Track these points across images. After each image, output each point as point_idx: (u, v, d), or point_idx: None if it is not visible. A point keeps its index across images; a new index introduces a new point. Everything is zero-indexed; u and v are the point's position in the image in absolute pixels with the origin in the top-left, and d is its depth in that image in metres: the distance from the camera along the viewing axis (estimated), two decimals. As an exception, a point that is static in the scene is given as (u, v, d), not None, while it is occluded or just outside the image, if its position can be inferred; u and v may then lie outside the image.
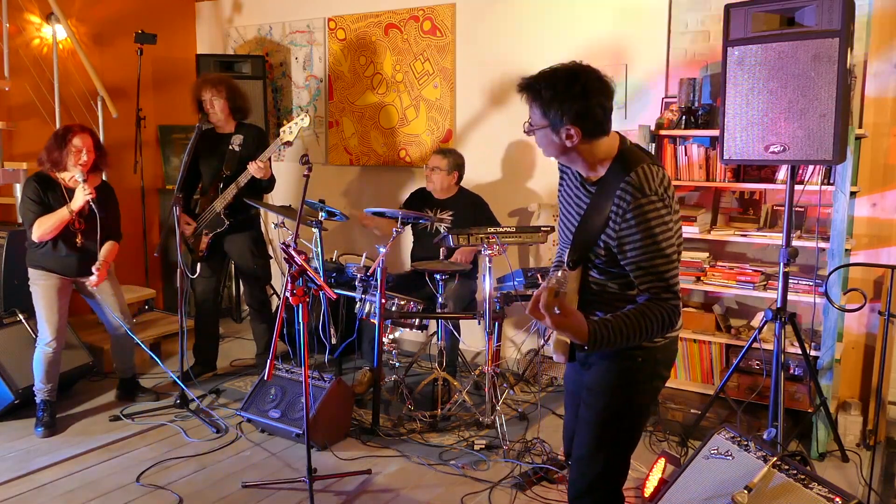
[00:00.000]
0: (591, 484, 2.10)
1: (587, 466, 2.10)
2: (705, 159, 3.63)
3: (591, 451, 2.08)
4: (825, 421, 3.32)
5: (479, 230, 3.71)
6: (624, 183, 1.84)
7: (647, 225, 1.81)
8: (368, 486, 3.14)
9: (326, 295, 2.76)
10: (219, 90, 4.11)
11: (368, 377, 4.06)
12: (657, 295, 1.85)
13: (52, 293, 3.67)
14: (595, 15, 4.17)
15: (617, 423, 2.05)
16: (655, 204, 1.82)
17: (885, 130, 3.52)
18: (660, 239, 1.82)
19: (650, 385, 2.07)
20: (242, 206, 4.15)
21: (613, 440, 2.07)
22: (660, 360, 2.03)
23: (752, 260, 3.80)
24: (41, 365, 3.66)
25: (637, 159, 1.89)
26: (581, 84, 1.85)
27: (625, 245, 1.85)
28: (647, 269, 1.84)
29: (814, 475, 2.38)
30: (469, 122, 4.72)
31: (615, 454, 2.09)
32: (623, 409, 2.05)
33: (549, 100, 1.86)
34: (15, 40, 4.74)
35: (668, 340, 2.02)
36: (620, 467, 2.12)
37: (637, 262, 1.84)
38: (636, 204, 1.81)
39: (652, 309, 1.84)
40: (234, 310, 5.75)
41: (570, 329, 1.77)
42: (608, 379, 2.02)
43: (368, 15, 5.00)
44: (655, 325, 1.84)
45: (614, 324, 1.82)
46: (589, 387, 2.08)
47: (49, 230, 3.57)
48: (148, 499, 3.05)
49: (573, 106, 1.84)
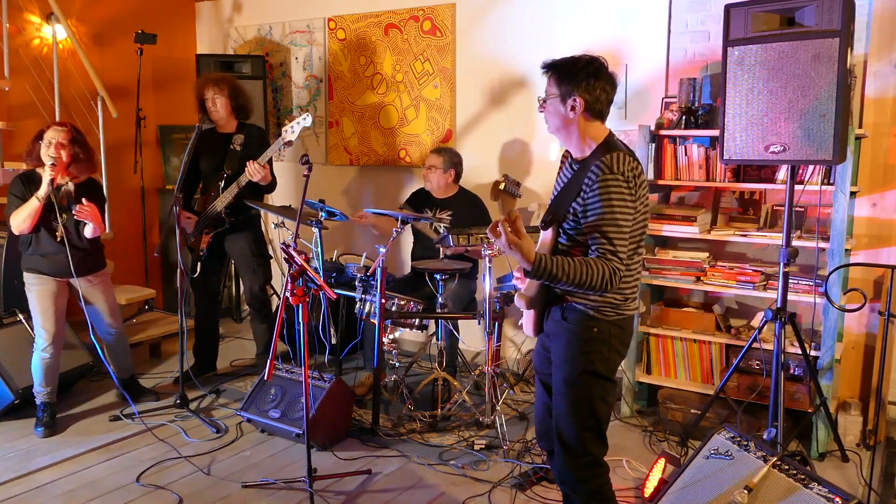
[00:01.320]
0: (570, 454, 2.28)
1: (564, 437, 2.28)
2: (705, 159, 3.63)
3: (565, 420, 2.28)
4: (825, 421, 3.32)
5: (479, 230, 3.71)
6: (599, 161, 2.13)
7: (609, 196, 2.09)
8: (368, 486, 3.14)
9: (326, 295, 2.76)
10: (221, 88, 4.11)
11: (370, 381, 4.06)
12: (603, 255, 2.09)
13: (47, 298, 3.65)
14: (595, 15, 4.17)
15: (581, 388, 2.25)
16: (619, 182, 2.10)
17: (885, 130, 3.52)
18: (616, 210, 2.09)
19: (607, 356, 2.25)
20: (243, 205, 4.15)
21: (580, 404, 2.26)
22: (614, 333, 2.24)
23: (752, 260, 3.80)
24: (39, 370, 3.66)
25: (616, 148, 2.18)
26: (595, 67, 2.19)
27: (587, 210, 2.12)
28: (602, 233, 2.09)
29: (814, 475, 2.38)
30: (469, 122, 4.72)
31: (586, 422, 2.26)
32: (585, 376, 2.24)
33: (565, 72, 2.20)
34: (15, 40, 4.74)
35: (621, 317, 2.24)
36: (590, 433, 2.27)
37: (593, 224, 2.11)
38: (603, 177, 2.10)
39: (596, 262, 2.08)
40: (234, 310, 5.75)
41: (520, 250, 2.04)
42: (568, 349, 2.26)
43: (368, 15, 5.00)
44: (596, 277, 2.07)
45: (559, 260, 2.08)
46: (555, 360, 2.31)
47: (23, 220, 3.53)
48: (148, 499, 3.05)
49: (584, 80, 2.17)
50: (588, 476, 2.29)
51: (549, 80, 2.24)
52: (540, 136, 4.43)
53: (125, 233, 5.22)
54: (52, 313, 3.65)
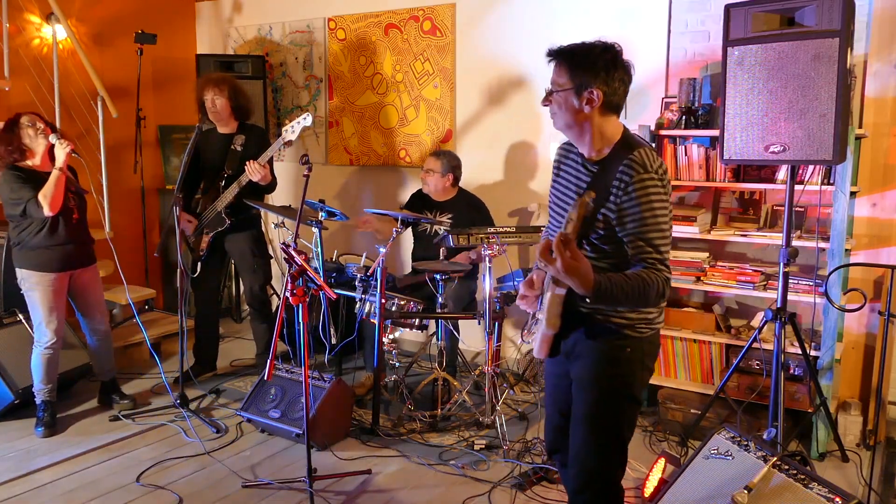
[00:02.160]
0: (589, 478, 2.12)
1: (584, 460, 2.12)
2: (705, 159, 3.63)
3: (586, 445, 2.10)
4: (825, 421, 3.32)
5: (479, 230, 3.71)
6: (627, 160, 1.91)
7: (648, 199, 1.89)
8: (368, 486, 3.14)
9: (326, 295, 2.76)
10: (221, 89, 4.11)
11: (370, 381, 4.06)
12: (653, 265, 1.90)
13: (50, 295, 3.58)
14: (595, 15, 4.17)
15: (609, 415, 2.08)
16: (655, 181, 1.91)
17: (885, 130, 3.52)
18: (658, 213, 1.90)
19: (639, 376, 2.10)
20: (243, 205, 4.15)
21: (607, 433, 2.09)
22: (646, 351, 2.07)
23: (752, 260, 3.80)
24: (40, 366, 3.64)
25: (640, 143, 1.98)
26: (612, 54, 1.97)
27: (625, 217, 1.91)
28: (647, 241, 1.90)
29: (814, 475, 2.38)
30: (469, 123, 4.72)
31: (610, 446, 2.11)
32: (614, 401, 2.07)
33: (580, 61, 1.96)
34: (15, 40, 4.74)
35: (653, 332, 2.07)
36: (617, 460, 2.14)
37: (636, 233, 1.90)
38: (639, 178, 1.89)
39: (651, 275, 1.88)
40: (234, 310, 5.75)
41: (578, 274, 1.78)
42: (596, 371, 2.05)
43: (368, 15, 5.00)
44: (652, 292, 1.88)
45: (616, 279, 1.86)
46: (578, 381, 2.11)
47: (56, 195, 3.43)
48: (148, 499, 3.05)
49: (602, 70, 1.94)
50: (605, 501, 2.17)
51: (559, 70, 1.99)
52: (540, 135, 4.43)
53: (125, 233, 5.21)
54: (55, 311, 3.61)
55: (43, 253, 3.56)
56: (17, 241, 3.58)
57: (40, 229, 3.53)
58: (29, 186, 3.46)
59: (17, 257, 3.60)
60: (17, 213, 3.51)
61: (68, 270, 3.65)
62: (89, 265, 3.76)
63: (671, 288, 2.02)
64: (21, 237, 3.56)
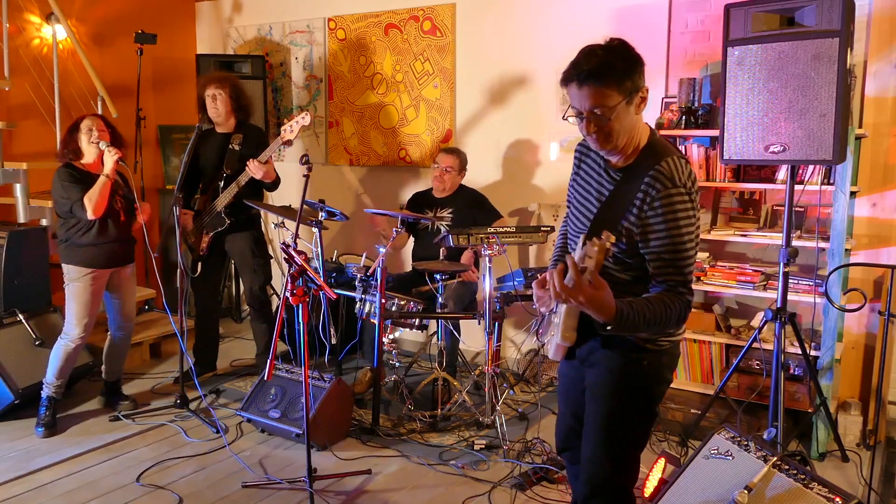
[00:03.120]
0: (600, 485, 2.09)
1: (596, 468, 2.08)
2: (705, 159, 3.63)
3: (598, 453, 2.07)
4: (825, 421, 3.32)
5: (479, 230, 3.71)
6: (654, 171, 1.81)
7: (675, 216, 1.79)
8: (368, 486, 3.14)
9: (326, 295, 2.76)
10: (222, 86, 4.12)
11: (369, 377, 4.06)
12: (674, 288, 1.82)
13: (89, 292, 3.65)
14: (595, 15, 4.17)
15: (623, 426, 2.03)
16: (683, 196, 1.79)
17: (885, 130, 3.52)
18: (684, 232, 1.80)
19: (655, 389, 2.04)
20: (243, 205, 4.14)
21: (620, 443, 2.05)
22: (664, 363, 2.00)
23: (752, 260, 3.80)
24: (58, 359, 3.66)
25: (668, 150, 1.87)
26: (633, 49, 1.83)
27: (649, 233, 1.82)
28: (669, 261, 1.81)
29: (814, 475, 2.38)
30: (469, 122, 4.72)
31: (623, 456, 2.08)
32: (629, 413, 2.02)
33: (624, 68, 1.79)
34: (15, 40, 4.74)
35: (672, 344, 2.00)
36: (629, 469, 2.11)
37: (659, 252, 1.81)
38: (666, 193, 1.79)
39: (672, 300, 1.81)
40: (234, 310, 5.75)
41: (600, 303, 1.72)
42: (613, 382, 2.00)
43: (368, 15, 5.00)
44: (672, 317, 1.81)
45: (638, 305, 1.78)
46: (592, 389, 2.06)
47: (100, 200, 3.53)
48: (148, 499, 3.05)
49: (639, 67, 1.82)
50: None
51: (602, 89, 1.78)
52: (540, 135, 4.43)
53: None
54: (90, 307, 3.66)
55: (89, 250, 3.64)
56: (65, 238, 3.65)
57: (90, 228, 3.62)
58: (79, 188, 3.56)
59: (63, 253, 3.67)
60: (65, 211, 3.61)
61: (111, 267, 3.73)
62: (128, 263, 3.85)
63: None
64: (69, 234, 3.63)
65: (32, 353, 3.83)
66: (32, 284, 4.12)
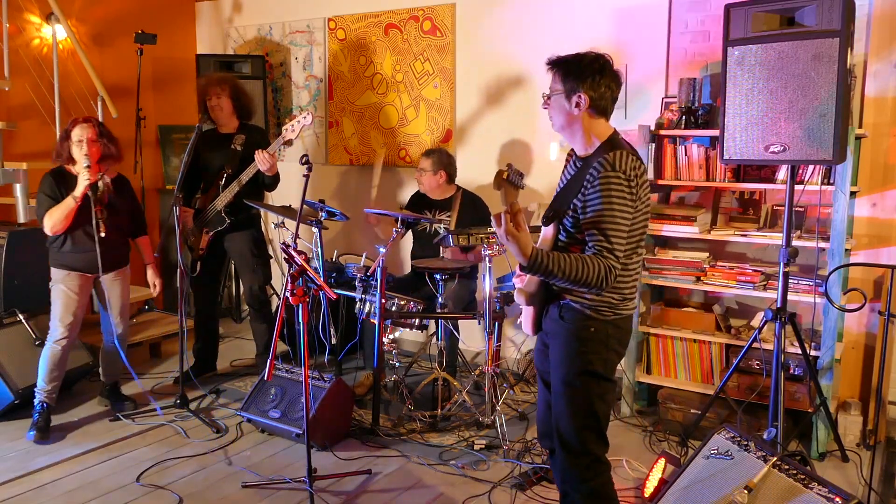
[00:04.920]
0: (571, 454, 2.28)
1: (565, 437, 2.28)
2: (705, 159, 3.63)
3: (564, 421, 2.27)
4: (825, 421, 3.32)
5: (479, 230, 3.71)
6: (602, 158, 2.11)
7: (609, 193, 2.08)
8: (368, 486, 3.14)
9: (326, 295, 2.76)
10: (223, 89, 4.13)
11: (370, 381, 4.05)
12: (600, 252, 2.08)
13: (72, 295, 3.61)
14: (595, 15, 4.17)
15: (579, 388, 2.24)
16: (620, 180, 2.08)
17: (885, 130, 3.52)
18: (616, 207, 2.08)
19: (604, 355, 2.24)
20: (243, 205, 4.15)
21: (579, 404, 2.25)
22: (611, 333, 2.23)
23: (752, 260, 3.80)
24: (46, 363, 3.60)
25: (619, 146, 2.16)
26: (600, 64, 2.20)
27: (587, 207, 2.12)
28: (599, 229, 2.08)
29: (814, 475, 2.38)
30: (469, 122, 4.72)
31: (586, 422, 2.25)
32: (582, 375, 2.23)
33: (571, 68, 2.20)
34: (15, 40, 4.74)
35: (619, 317, 2.23)
36: (589, 431, 2.26)
37: (591, 220, 2.10)
38: (605, 174, 2.08)
39: (592, 259, 2.07)
40: (234, 310, 5.75)
41: (517, 242, 2.04)
42: (565, 349, 2.24)
43: (368, 15, 5.00)
44: (591, 274, 2.05)
45: (555, 256, 2.07)
46: (553, 358, 2.30)
47: (59, 221, 3.49)
48: (148, 499, 3.05)
49: (589, 76, 2.17)
50: (589, 476, 2.28)
51: (554, 77, 2.24)
52: (540, 135, 4.43)
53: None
54: (73, 309, 3.61)
55: (72, 255, 3.61)
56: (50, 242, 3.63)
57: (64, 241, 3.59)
58: (50, 202, 3.52)
59: (50, 256, 3.66)
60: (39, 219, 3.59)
61: (94, 273, 3.65)
62: (118, 267, 3.76)
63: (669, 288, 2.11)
64: (51, 240, 3.62)
65: (32, 353, 3.82)
66: (32, 284, 4.12)
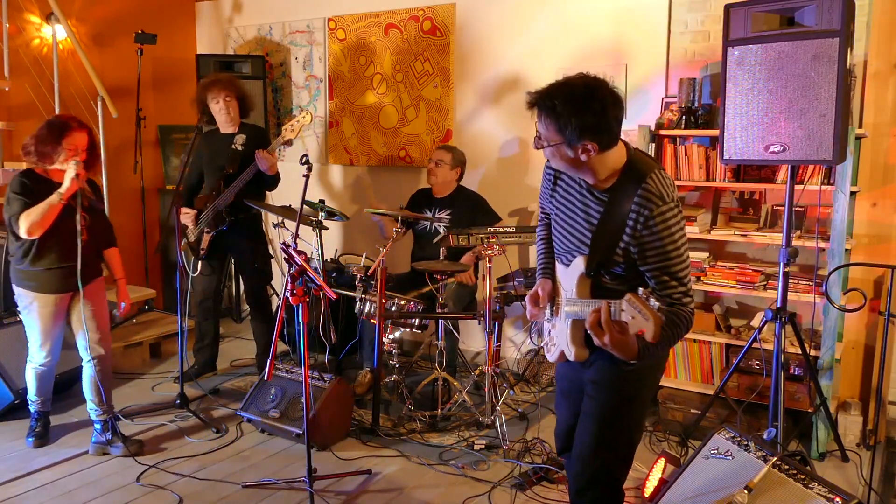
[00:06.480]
0: (593, 479, 2.13)
1: (590, 461, 2.12)
2: (705, 159, 3.63)
3: (593, 445, 2.10)
4: (825, 421, 3.32)
5: (479, 230, 3.71)
6: (642, 190, 1.87)
7: (670, 231, 1.87)
8: (368, 486, 3.14)
9: (326, 295, 2.76)
10: (230, 92, 4.14)
11: (369, 378, 4.06)
12: (679, 300, 1.89)
13: (48, 319, 3.29)
14: (595, 15, 4.17)
15: (620, 417, 2.08)
16: (674, 210, 1.88)
17: (885, 130, 3.52)
18: (680, 244, 1.89)
19: (651, 379, 2.13)
20: (243, 205, 4.15)
21: (616, 435, 2.09)
22: (662, 355, 2.10)
23: (752, 260, 3.80)
24: (33, 381, 3.44)
25: (648, 166, 1.93)
26: (599, 100, 1.84)
27: (646, 251, 1.88)
28: (671, 275, 1.88)
29: (814, 475, 2.38)
30: (469, 122, 4.72)
31: (617, 449, 2.12)
32: (626, 403, 2.08)
33: (566, 116, 1.84)
34: (15, 40, 4.74)
35: None
36: (623, 463, 2.15)
37: (660, 267, 1.88)
38: (659, 212, 1.86)
39: (679, 316, 1.88)
40: (234, 310, 5.75)
41: (624, 347, 1.81)
42: (612, 373, 2.04)
43: (368, 15, 5.00)
44: (683, 329, 1.89)
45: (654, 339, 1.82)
46: (593, 380, 2.11)
47: (38, 221, 3.11)
48: (148, 499, 3.05)
49: (591, 122, 1.84)
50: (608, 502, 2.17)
51: (546, 124, 1.89)
52: (540, 136, 4.42)
53: (125, 233, 5.21)
54: (52, 332, 3.34)
55: (41, 274, 3.24)
56: (13, 254, 3.26)
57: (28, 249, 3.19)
58: (23, 202, 3.15)
59: (12, 273, 3.28)
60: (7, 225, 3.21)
61: (69, 291, 3.31)
62: (93, 280, 3.38)
63: None
64: (15, 251, 3.25)
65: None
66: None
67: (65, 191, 3.14)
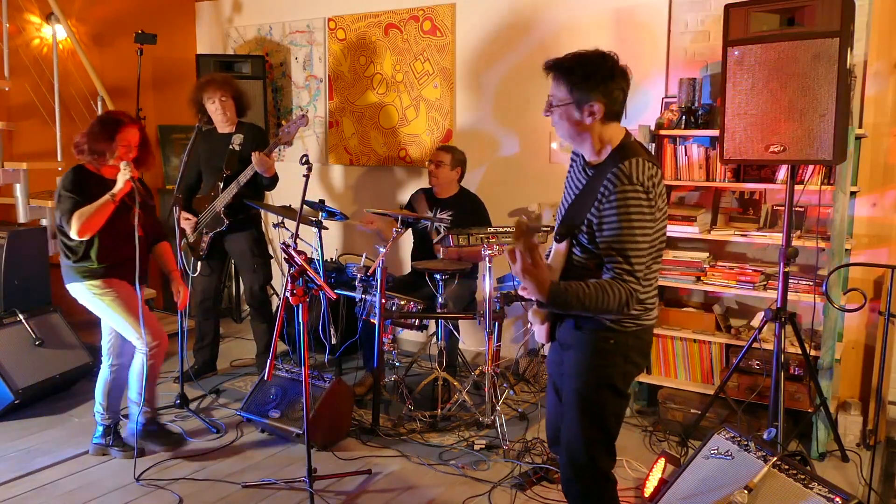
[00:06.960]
0: (577, 468, 2.19)
1: (573, 450, 2.19)
2: (705, 159, 3.63)
3: (574, 433, 2.17)
4: (825, 421, 3.32)
5: (479, 230, 3.70)
6: (616, 168, 1.96)
7: (627, 211, 1.93)
8: (368, 486, 3.14)
9: (326, 295, 2.76)
10: (227, 91, 4.14)
11: (370, 381, 4.05)
12: (620, 276, 1.95)
13: (132, 298, 3.20)
14: (595, 14, 4.17)
15: (593, 404, 2.14)
16: (639, 193, 1.94)
17: (885, 130, 3.52)
18: (635, 226, 1.94)
19: (622, 369, 2.13)
20: (242, 205, 4.15)
21: (592, 421, 2.15)
22: (632, 345, 2.11)
23: (752, 260, 3.80)
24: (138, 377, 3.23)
25: (634, 152, 2.00)
26: (610, 66, 2.01)
27: (603, 224, 1.97)
28: (618, 251, 1.94)
29: (814, 475, 2.39)
30: (469, 122, 4.72)
31: (596, 436, 2.16)
32: (597, 391, 2.12)
33: (579, 76, 2.00)
34: (15, 40, 4.74)
35: (640, 328, 2.10)
36: (603, 450, 2.19)
37: (609, 241, 1.96)
38: (621, 189, 1.93)
39: (612, 286, 1.94)
40: (234, 310, 5.75)
41: (533, 278, 1.92)
42: (583, 360, 2.12)
43: (368, 15, 5.00)
44: (612, 301, 1.93)
45: (573, 288, 1.95)
46: (568, 371, 2.18)
47: (90, 220, 3.07)
48: (148, 499, 3.05)
49: (601, 83, 1.99)
50: (595, 491, 2.20)
51: (558, 85, 2.03)
52: (540, 136, 4.43)
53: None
54: (138, 309, 3.19)
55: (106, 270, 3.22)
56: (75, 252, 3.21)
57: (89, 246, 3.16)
58: (74, 200, 3.11)
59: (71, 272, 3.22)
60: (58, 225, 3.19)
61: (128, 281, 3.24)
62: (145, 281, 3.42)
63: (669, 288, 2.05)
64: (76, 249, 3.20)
65: (32, 353, 3.82)
66: (32, 284, 4.12)
67: (118, 192, 3.12)
